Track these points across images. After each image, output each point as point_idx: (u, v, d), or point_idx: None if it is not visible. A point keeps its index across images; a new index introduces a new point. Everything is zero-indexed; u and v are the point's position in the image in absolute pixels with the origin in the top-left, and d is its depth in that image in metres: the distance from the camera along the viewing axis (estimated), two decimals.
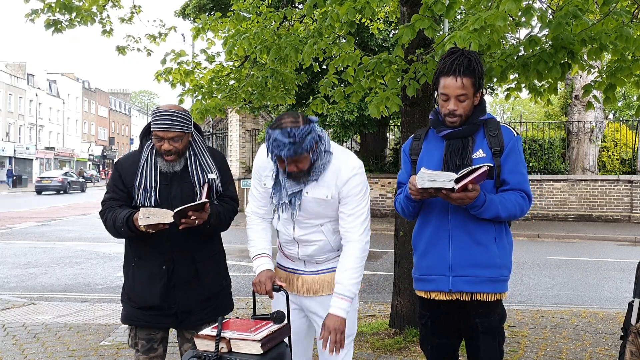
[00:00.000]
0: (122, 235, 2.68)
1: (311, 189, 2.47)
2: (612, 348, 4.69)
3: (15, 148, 50.66)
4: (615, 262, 9.68)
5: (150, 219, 2.48)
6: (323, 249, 2.58)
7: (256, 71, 5.73)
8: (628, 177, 16.00)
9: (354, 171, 2.47)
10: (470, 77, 2.43)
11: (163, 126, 2.60)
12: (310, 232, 2.55)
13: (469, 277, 2.47)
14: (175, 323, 2.78)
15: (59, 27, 5.44)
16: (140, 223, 2.49)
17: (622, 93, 32.57)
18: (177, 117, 2.62)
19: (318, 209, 2.50)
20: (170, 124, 2.60)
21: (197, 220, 2.57)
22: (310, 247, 2.57)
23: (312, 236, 2.55)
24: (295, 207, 2.48)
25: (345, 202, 2.48)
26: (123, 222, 2.60)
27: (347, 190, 2.46)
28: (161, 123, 2.60)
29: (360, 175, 2.49)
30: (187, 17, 19.66)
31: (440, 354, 2.66)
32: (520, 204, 2.46)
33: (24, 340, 4.93)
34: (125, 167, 2.77)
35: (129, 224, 2.58)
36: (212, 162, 2.79)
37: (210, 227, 2.68)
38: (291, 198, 2.49)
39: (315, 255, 2.59)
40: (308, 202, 2.48)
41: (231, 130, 20.81)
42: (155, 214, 2.48)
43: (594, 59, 3.89)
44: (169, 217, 2.48)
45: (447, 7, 3.35)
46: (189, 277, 2.74)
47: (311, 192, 2.47)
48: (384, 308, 6.02)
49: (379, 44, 15.23)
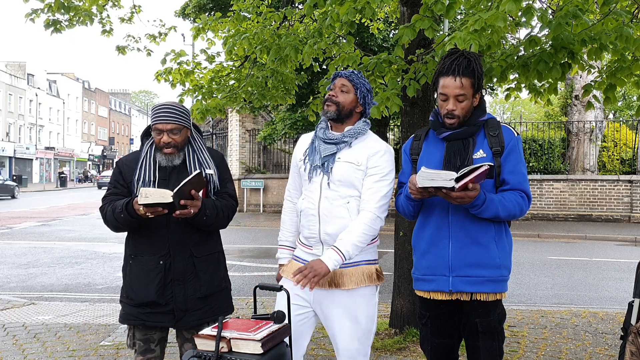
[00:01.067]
0: (121, 224, 2.70)
1: (344, 154, 2.60)
2: (612, 348, 4.69)
3: (15, 148, 50.65)
4: (615, 262, 9.68)
5: (150, 198, 2.51)
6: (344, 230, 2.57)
7: (256, 71, 5.73)
8: (628, 177, 16.00)
9: (385, 149, 2.64)
10: (469, 78, 2.44)
11: (162, 118, 2.68)
12: (336, 206, 2.58)
13: (469, 277, 2.47)
14: (173, 322, 2.77)
15: (59, 27, 5.45)
16: (140, 202, 2.52)
17: (622, 93, 32.57)
18: (176, 110, 2.71)
19: (348, 176, 2.57)
20: (169, 115, 2.69)
21: (192, 209, 2.59)
22: (332, 224, 2.58)
23: (336, 211, 2.58)
24: (327, 170, 2.60)
25: (370, 174, 2.57)
26: (123, 208, 2.64)
27: (374, 162, 2.58)
28: (160, 116, 2.69)
29: (389, 155, 2.64)
30: (187, 17, 19.67)
31: (440, 354, 2.66)
32: (520, 203, 2.46)
33: (24, 340, 4.93)
34: (125, 164, 2.85)
35: (129, 208, 2.63)
36: (211, 159, 2.83)
37: (207, 218, 2.69)
38: (324, 161, 2.62)
39: (337, 235, 2.57)
40: (340, 167, 2.59)
41: (231, 130, 20.82)
42: (154, 193, 2.52)
43: (594, 59, 3.89)
44: (168, 197, 2.51)
45: (447, 7, 3.35)
46: (186, 273, 2.75)
47: (343, 156, 2.60)
48: (384, 308, 6.02)
49: (379, 44, 15.23)
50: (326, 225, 2.60)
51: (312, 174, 2.65)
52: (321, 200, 2.61)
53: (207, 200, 2.71)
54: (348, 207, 2.58)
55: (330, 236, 2.59)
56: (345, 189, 2.58)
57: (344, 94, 2.67)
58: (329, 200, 2.59)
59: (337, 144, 2.63)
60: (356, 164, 2.58)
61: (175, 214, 2.59)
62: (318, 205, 2.61)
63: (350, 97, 2.66)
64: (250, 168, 20.08)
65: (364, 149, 2.61)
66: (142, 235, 2.76)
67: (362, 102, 2.68)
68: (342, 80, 2.69)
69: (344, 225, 2.56)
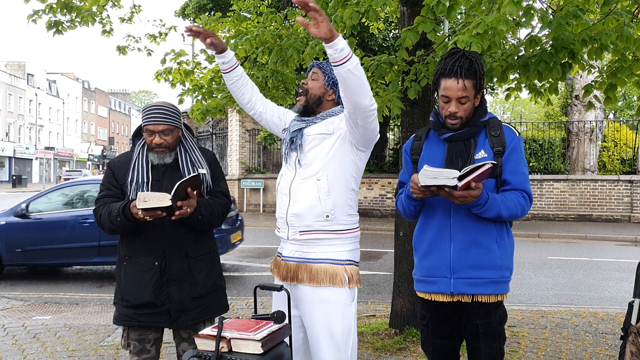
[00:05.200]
0: (117, 227, 2.70)
1: (312, 129, 2.60)
2: (612, 348, 4.69)
3: (15, 148, 50.64)
4: (615, 262, 9.68)
5: (148, 203, 2.51)
6: (312, 210, 2.52)
7: (256, 71, 5.73)
8: (628, 177, 15.99)
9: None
10: (471, 79, 2.42)
11: (153, 119, 2.68)
12: (306, 185, 2.54)
13: (470, 279, 2.46)
14: (169, 322, 2.77)
15: (61, 28, 5.46)
16: (139, 206, 2.52)
17: (623, 93, 32.57)
18: (167, 111, 2.71)
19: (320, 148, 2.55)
20: (160, 116, 2.68)
21: (189, 208, 2.60)
22: (299, 204, 2.54)
23: (306, 189, 2.54)
24: (296, 146, 2.59)
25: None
26: (119, 212, 2.63)
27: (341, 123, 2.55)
28: (151, 117, 2.69)
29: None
30: (187, 17, 19.70)
31: (441, 355, 2.65)
32: (522, 203, 2.45)
33: (24, 340, 4.93)
34: (117, 165, 2.84)
35: (126, 212, 2.62)
36: (203, 158, 2.84)
37: (202, 217, 2.69)
38: (292, 136, 2.61)
39: (303, 217, 2.53)
40: (310, 142, 2.58)
41: (231, 130, 20.80)
42: (153, 197, 2.52)
43: (594, 59, 3.89)
44: (166, 200, 2.51)
45: (448, 9, 3.35)
46: (182, 273, 2.74)
47: (313, 131, 2.59)
48: (384, 308, 6.02)
49: (379, 43, 15.24)
50: (294, 205, 2.56)
51: (287, 153, 2.65)
52: (294, 179, 2.59)
53: (202, 200, 2.72)
54: (319, 186, 2.52)
55: (296, 217, 2.55)
56: (317, 166, 2.55)
57: (313, 82, 2.68)
58: (300, 179, 2.57)
59: (306, 122, 2.64)
60: (327, 133, 2.56)
61: (174, 216, 2.59)
62: (290, 184, 2.59)
63: (318, 84, 2.66)
64: (250, 168, 20.07)
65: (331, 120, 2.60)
66: (136, 236, 2.75)
67: (333, 88, 2.65)
68: (314, 69, 2.71)
69: (311, 205, 2.51)
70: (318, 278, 2.52)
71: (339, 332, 2.51)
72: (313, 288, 2.53)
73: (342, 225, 2.57)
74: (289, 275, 2.59)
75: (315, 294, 2.52)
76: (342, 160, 2.56)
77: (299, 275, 2.57)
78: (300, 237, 2.57)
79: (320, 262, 2.54)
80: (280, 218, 2.64)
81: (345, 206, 2.58)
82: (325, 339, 2.51)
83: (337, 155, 2.55)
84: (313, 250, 2.56)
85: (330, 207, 2.52)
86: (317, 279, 2.52)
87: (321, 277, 2.52)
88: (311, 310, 2.55)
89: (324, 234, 2.54)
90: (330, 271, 2.53)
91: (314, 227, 2.54)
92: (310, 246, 2.56)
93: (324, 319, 2.52)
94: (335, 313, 2.52)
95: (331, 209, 2.53)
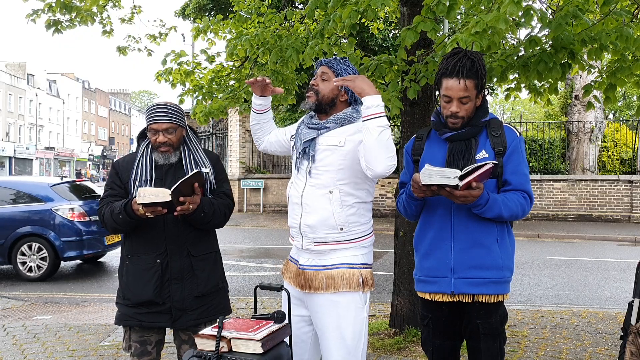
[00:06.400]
0: (120, 225, 2.70)
1: (325, 139, 2.53)
2: (612, 348, 4.69)
3: (15, 148, 50.62)
4: (615, 262, 9.68)
5: (148, 198, 2.52)
6: (326, 222, 2.49)
7: (256, 71, 5.73)
8: (628, 177, 15.99)
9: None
10: (473, 79, 2.42)
11: (157, 118, 2.70)
12: (318, 196, 2.50)
13: (471, 279, 2.46)
14: (170, 322, 2.76)
15: (60, 27, 5.45)
16: (139, 201, 2.53)
17: (622, 93, 32.56)
18: (170, 109, 2.73)
19: (332, 160, 2.49)
20: (164, 115, 2.70)
21: (192, 205, 2.60)
22: (313, 215, 2.50)
23: (318, 201, 2.49)
24: (309, 156, 2.54)
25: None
26: (121, 209, 2.65)
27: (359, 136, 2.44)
28: (155, 116, 2.71)
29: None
30: (187, 18, 19.70)
31: (441, 355, 2.65)
32: (522, 204, 2.45)
33: (24, 340, 4.93)
34: (121, 165, 2.87)
35: (127, 209, 2.63)
36: (206, 158, 2.85)
37: (204, 215, 2.70)
38: (305, 146, 2.55)
39: (317, 228, 2.50)
40: (323, 153, 2.51)
41: (231, 130, 20.80)
42: (153, 193, 2.53)
43: (594, 59, 3.89)
44: (166, 196, 2.52)
45: (448, 8, 3.35)
46: (183, 271, 2.75)
47: (325, 141, 2.52)
48: (384, 308, 6.02)
49: (379, 43, 15.24)
50: (307, 216, 2.52)
51: (298, 162, 2.60)
52: (305, 189, 2.54)
53: (204, 198, 2.73)
54: (330, 198, 2.48)
55: (310, 228, 2.51)
56: (328, 177, 2.50)
57: (324, 82, 2.57)
58: (312, 189, 2.52)
59: (318, 129, 2.55)
60: (339, 145, 2.49)
61: (176, 212, 2.59)
62: (302, 193, 2.55)
63: (330, 85, 2.54)
64: (250, 168, 20.06)
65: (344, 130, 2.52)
66: (138, 235, 2.76)
67: (346, 89, 2.56)
68: (323, 68, 2.60)
69: (325, 217, 2.47)
70: (335, 284, 2.50)
71: (349, 336, 2.50)
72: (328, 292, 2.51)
73: (356, 234, 2.55)
74: (307, 284, 2.55)
75: (327, 297, 2.51)
76: (354, 172, 2.51)
77: (316, 284, 2.53)
78: (315, 248, 2.54)
79: (337, 267, 2.53)
80: (294, 227, 2.60)
81: (358, 216, 2.55)
82: (335, 342, 2.50)
83: (348, 167, 2.51)
84: (329, 257, 2.54)
85: (343, 220, 2.50)
86: (335, 284, 2.50)
87: (338, 282, 2.50)
88: (323, 313, 2.53)
89: (339, 244, 2.52)
90: (347, 275, 2.51)
91: (328, 239, 2.52)
92: (326, 254, 2.54)
93: (336, 323, 2.50)
94: (347, 317, 2.50)
95: (345, 222, 2.50)
